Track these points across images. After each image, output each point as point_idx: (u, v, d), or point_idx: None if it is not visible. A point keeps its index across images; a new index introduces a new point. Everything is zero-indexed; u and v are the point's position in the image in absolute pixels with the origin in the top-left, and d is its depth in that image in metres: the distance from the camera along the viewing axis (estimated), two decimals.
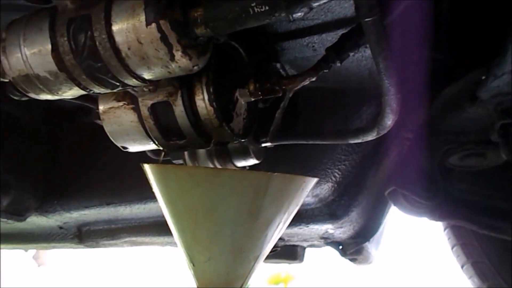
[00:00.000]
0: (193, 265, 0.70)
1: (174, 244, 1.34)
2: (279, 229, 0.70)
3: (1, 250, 1.69)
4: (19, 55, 0.62)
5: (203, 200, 0.65)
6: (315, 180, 0.72)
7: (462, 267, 1.34)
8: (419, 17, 0.73)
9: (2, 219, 1.23)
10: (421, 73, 0.85)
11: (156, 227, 1.25)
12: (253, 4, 0.53)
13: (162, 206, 0.71)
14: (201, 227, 0.67)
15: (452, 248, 1.35)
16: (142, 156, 0.88)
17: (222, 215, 0.66)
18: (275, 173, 0.66)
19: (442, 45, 0.85)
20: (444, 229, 1.37)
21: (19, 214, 1.23)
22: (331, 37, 0.80)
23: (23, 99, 0.70)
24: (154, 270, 4.30)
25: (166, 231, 1.24)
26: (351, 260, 1.23)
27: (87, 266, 4.52)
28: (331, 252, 1.24)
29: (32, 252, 4.62)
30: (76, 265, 4.57)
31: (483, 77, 0.81)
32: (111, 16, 0.56)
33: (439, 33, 0.83)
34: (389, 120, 0.70)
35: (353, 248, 1.17)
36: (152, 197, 1.15)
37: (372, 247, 1.20)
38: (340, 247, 1.20)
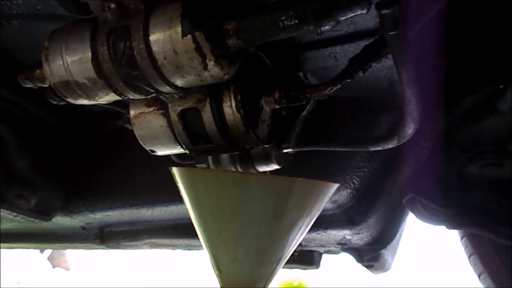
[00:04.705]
0: (218, 265, 0.73)
1: (194, 247, 1.37)
2: (301, 232, 0.73)
3: (18, 249, 1.73)
4: (61, 62, 0.66)
5: (229, 202, 0.68)
6: (336, 185, 0.74)
7: (479, 276, 1.34)
8: (439, 28, 0.75)
9: (29, 218, 1.27)
10: (441, 83, 0.87)
11: (176, 230, 1.28)
12: (283, 18, 0.56)
13: (188, 208, 0.74)
14: (226, 228, 0.70)
15: (469, 258, 1.35)
16: (164, 160, 0.91)
17: (247, 217, 0.68)
18: (299, 178, 0.68)
19: (462, 56, 0.87)
20: (461, 238, 1.37)
21: (46, 213, 1.27)
22: (353, 48, 0.83)
23: (61, 103, 0.74)
24: (168, 274, 4.33)
25: (187, 234, 1.29)
26: (367, 267, 1.24)
27: (105, 269, 4.57)
28: (345, 262, 1.24)
29: (47, 253, 4.69)
30: (93, 268, 4.62)
31: (501, 86, 0.83)
32: (149, 28, 0.60)
33: (460, 44, 0.85)
34: (409, 129, 0.72)
35: (369, 254, 1.18)
36: (174, 200, 1.19)
37: (388, 255, 1.21)
38: (357, 253, 1.21)
